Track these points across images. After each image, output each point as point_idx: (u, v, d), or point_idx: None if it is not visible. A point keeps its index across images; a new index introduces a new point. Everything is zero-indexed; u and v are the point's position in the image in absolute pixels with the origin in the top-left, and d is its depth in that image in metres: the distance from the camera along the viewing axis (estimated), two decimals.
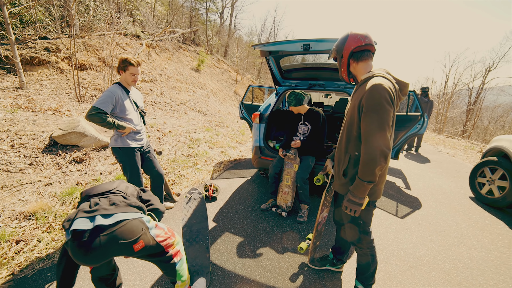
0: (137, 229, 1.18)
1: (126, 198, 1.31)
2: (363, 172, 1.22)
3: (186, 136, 5.45)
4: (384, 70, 1.31)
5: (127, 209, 1.23)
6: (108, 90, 1.97)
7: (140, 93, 2.37)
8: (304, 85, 3.50)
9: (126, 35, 9.56)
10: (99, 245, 1.07)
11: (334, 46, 1.41)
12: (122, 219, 1.16)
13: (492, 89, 17.55)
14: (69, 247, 1.09)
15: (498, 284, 1.81)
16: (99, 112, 1.87)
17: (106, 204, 1.21)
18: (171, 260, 1.35)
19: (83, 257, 1.08)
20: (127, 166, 2.17)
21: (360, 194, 1.26)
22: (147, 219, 1.30)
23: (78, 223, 1.10)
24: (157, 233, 1.29)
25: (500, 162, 3.09)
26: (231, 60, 19.60)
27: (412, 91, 3.21)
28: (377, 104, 1.18)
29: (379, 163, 1.18)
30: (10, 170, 2.79)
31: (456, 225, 2.65)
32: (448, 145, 7.88)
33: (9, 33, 4.64)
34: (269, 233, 2.35)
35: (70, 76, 6.22)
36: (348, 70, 1.39)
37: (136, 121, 2.18)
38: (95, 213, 1.15)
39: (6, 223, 2.16)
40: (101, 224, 1.10)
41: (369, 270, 1.55)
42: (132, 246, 1.15)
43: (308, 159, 2.63)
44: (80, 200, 1.33)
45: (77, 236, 1.08)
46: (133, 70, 2.03)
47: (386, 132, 1.18)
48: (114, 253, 1.14)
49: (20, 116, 3.83)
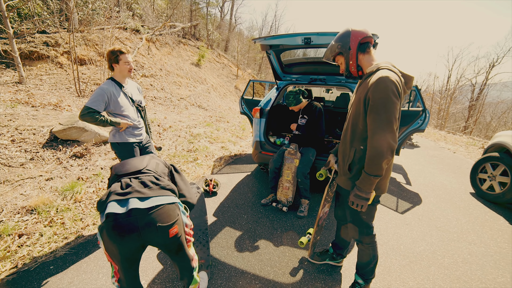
0: (174, 213, 1.16)
1: (158, 179, 1.26)
2: (370, 166, 1.21)
3: (187, 131, 5.44)
4: (389, 63, 1.30)
5: (161, 192, 1.19)
6: (99, 87, 1.90)
7: (136, 84, 2.29)
8: (305, 80, 3.46)
9: (125, 30, 9.46)
10: (136, 227, 1.04)
11: (335, 42, 1.39)
12: (158, 203, 1.12)
13: (496, 85, 17.37)
14: (105, 229, 1.05)
15: (496, 279, 1.82)
16: (91, 111, 1.83)
17: (139, 186, 1.17)
18: (191, 262, 1.31)
19: (119, 239, 1.04)
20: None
21: (367, 188, 1.25)
22: (180, 204, 1.27)
23: (113, 206, 1.07)
24: (187, 223, 1.27)
25: (501, 158, 3.07)
26: (231, 55, 19.44)
27: (415, 86, 3.18)
28: (385, 97, 1.16)
29: (386, 156, 1.17)
30: (11, 165, 2.80)
31: (456, 221, 2.66)
32: (449, 141, 7.85)
33: (7, 27, 4.59)
34: (269, 228, 2.37)
35: (69, 71, 6.19)
36: (357, 63, 1.38)
37: (133, 116, 2.13)
38: (129, 195, 1.11)
39: (8, 217, 2.18)
40: (137, 208, 1.07)
41: (369, 265, 1.55)
42: (168, 230, 1.11)
43: (309, 154, 2.63)
44: (111, 177, 1.29)
45: (113, 218, 1.05)
46: (126, 58, 1.95)
47: (393, 125, 1.18)
48: (150, 238, 1.11)
49: (20, 111, 3.83)
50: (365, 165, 1.24)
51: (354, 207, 1.31)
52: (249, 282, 1.71)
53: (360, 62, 1.37)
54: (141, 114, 2.28)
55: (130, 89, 2.15)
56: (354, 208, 1.32)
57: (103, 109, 1.90)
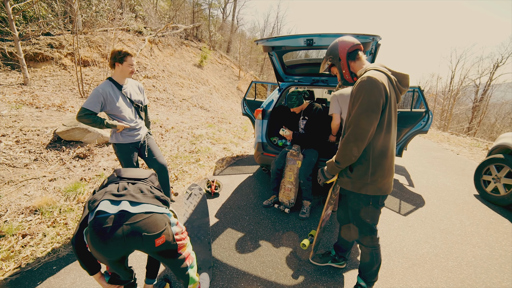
0: (161, 223, 1.15)
1: (154, 189, 1.28)
2: (338, 153, 1.36)
3: (189, 132, 5.46)
4: (379, 64, 1.35)
5: (153, 201, 1.19)
6: (95, 89, 1.90)
7: (137, 83, 2.25)
8: (307, 81, 3.46)
9: (128, 31, 9.54)
10: (121, 235, 1.03)
11: (326, 56, 1.50)
12: (148, 210, 1.13)
13: (500, 86, 17.22)
14: (89, 233, 1.04)
15: (501, 283, 1.80)
16: (87, 113, 1.83)
17: (134, 190, 1.18)
18: (183, 263, 1.31)
19: (102, 244, 1.02)
20: (122, 161, 2.18)
21: (332, 172, 1.43)
22: (170, 214, 1.27)
23: (104, 205, 1.08)
24: (176, 231, 1.27)
25: (506, 160, 3.04)
26: (233, 56, 19.49)
27: (417, 87, 3.16)
28: (363, 92, 1.23)
29: (352, 144, 1.27)
30: (16, 166, 2.83)
31: (460, 223, 2.63)
32: (453, 143, 7.78)
33: (12, 29, 4.66)
34: (271, 230, 2.36)
35: (73, 72, 6.25)
36: (350, 71, 1.46)
37: (130, 118, 2.10)
38: (122, 198, 1.12)
39: (12, 217, 2.20)
40: (126, 211, 1.07)
41: (372, 268, 1.54)
42: (154, 240, 1.11)
43: (311, 156, 2.62)
44: (109, 177, 1.30)
45: (99, 221, 1.04)
46: (131, 61, 1.95)
47: (372, 117, 1.22)
48: (134, 246, 1.10)
49: (25, 112, 3.87)
50: (337, 152, 1.38)
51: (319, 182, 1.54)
52: (251, 283, 1.71)
53: (352, 69, 1.45)
54: (139, 113, 2.24)
55: (129, 89, 2.13)
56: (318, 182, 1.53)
57: (99, 110, 1.90)
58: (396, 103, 1.34)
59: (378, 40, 2.22)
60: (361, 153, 1.31)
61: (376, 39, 2.17)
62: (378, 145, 1.30)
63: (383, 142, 1.30)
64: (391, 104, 1.28)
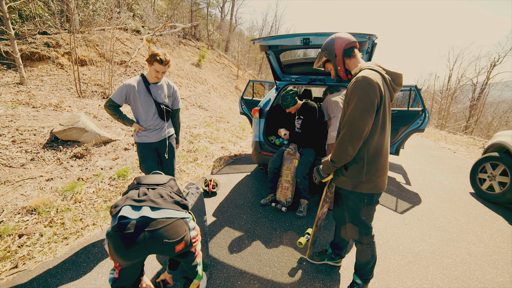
0: (181, 229, 1.17)
1: (173, 194, 1.30)
2: (333, 152, 1.35)
3: (187, 131, 5.45)
4: (373, 63, 1.35)
5: (173, 206, 1.22)
6: (124, 81, 1.98)
7: (172, 85, 2.19)
8: (304, 80, 3.47)
9: (126, 30, 9.48)
10: (143, 240, 1.05)
11: (322, 51, 1.48)
12: (168, 216, 1.15)
13: (497, 84, 17.31)
14: (111, 237, 1.07)
15: (495, 279, 1.82)
16: (111, 104, 1.94)
17: (154, 196, 1.21)
18: (194, 261, 1.34)
19: (124, 250, 1.05)
20: (139, 159, 2.21)
21: (327, 171, 1.43)
22: (189, 219, 1.29)
23: (126, 210, 1.10)
24: (194, 235, 1.29)
25: (501, 158, 3.07)
26: (232, 55, 19.44)
27: (414, 86, 3.18)
28: (358, 92, 1.23)
29: (349, 144, 1.27)
30: (12, 165, 2.82)
31: (455, 221, 2.65)
32: (450, 141, 7.83)
33: (8, 28, 4.62)
34: (268, 228, 2.37)
35: (70, 71, 6.21)
36: (345, 68, 1.45)
37: (146, 118, 2.06)
38: (143, 203, 1.14)
39: (9, 217, 2.19)
40: (147, 216, 1.09)
41: (368, 265, 1.56)
42: (175, 246, 1.13)
43: (308, 155, 2.64)
44: (131, 185, 1.34)
45: (121, 227, 1.06)
46: (158, 67, 1.90)
47: (367, 117, 1.22)
48: (154, 251, 1.12)
49: (21, 112, 3.85)
50: (332, 151, 1.38)
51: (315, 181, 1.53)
52: (248, 282, 1.72)
53: (347, 66, 1.44)
54: (162, 115, 2.14)
55: (157, 89, 2.07)
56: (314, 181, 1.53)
57: (122, 103, 1.98)
58: (390, 102, 1.36)
59: (374, 40, 2.23)
60: (356, 152, 1.32)
61: (372, 38, 2.18)
62: (373, 144, 1.31)
63: (378, 141, 1.31)
64: (386, 104, 1.29)
